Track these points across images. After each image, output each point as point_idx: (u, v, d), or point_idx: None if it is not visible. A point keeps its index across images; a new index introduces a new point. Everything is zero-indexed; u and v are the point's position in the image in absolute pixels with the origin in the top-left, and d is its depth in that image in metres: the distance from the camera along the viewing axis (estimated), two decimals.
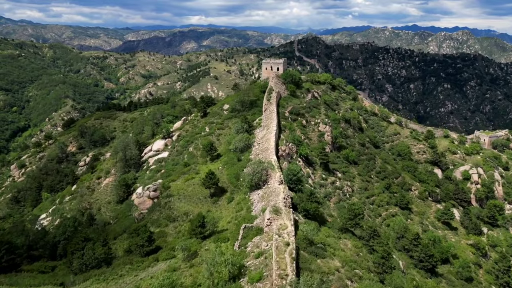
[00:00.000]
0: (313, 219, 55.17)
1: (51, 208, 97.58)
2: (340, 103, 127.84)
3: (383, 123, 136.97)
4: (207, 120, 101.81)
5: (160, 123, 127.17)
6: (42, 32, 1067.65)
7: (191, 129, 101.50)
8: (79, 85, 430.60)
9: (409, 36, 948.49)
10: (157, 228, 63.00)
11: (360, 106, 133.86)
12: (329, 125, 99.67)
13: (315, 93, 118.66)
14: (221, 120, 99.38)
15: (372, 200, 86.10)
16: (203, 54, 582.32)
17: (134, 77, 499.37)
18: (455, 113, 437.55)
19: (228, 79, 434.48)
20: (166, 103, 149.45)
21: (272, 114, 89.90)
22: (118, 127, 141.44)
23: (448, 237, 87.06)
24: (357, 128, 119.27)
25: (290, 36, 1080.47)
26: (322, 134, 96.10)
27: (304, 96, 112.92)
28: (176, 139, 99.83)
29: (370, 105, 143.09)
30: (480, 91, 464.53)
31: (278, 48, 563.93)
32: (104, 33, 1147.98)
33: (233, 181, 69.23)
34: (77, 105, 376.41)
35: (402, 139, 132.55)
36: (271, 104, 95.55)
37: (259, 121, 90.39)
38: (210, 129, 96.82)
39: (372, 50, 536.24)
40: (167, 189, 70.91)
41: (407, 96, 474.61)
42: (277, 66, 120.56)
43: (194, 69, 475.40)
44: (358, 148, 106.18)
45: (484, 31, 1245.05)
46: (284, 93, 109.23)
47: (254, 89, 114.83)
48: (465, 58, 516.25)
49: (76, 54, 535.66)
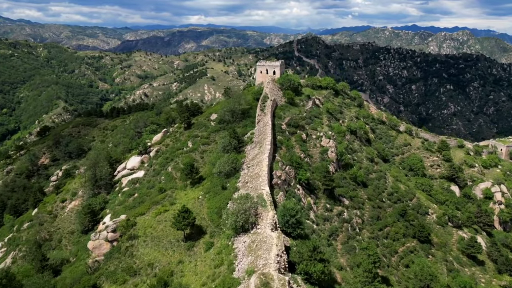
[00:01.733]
0: (317, 284, 39.91)
1: (7, 237, 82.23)
2: (344, 111, 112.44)
3: (391, 132, 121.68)
4: (191, 133, 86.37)
5: (142, 132, 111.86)
6: (40, 31, 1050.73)
7: (172, 143, 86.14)
8: (72, 86, 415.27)
9: (409, 36, 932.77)
10: (112, 284, 47.70)
11: (367, 114, 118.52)
12: (333, 139, 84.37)
13: (317, 100, 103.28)
14: (207, 133, 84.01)
15: (386, 233, 70.80)
16: (201, 54, 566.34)
17: (130, 77, 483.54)
18: (458, 115, 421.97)
19: (225, 80, 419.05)
20: (151, 109, 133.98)
21: (266, 127, 74.59)
22: (97, 136, 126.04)
23: (477, 277, 71.80)
24: (364, 140, 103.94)
25: (290, 36, 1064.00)
26: (325, 150, 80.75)
27: (304, 104, 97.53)
28: (154, 155, 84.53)
29: (377, 112, 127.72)
30: (484, 92, 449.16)
31: (277, 48, 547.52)
32: (102, 32, 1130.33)
33: (214, 218, 53.99)
34: (69, 107, 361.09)
35: (413, 151, 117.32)
36: (265, 115, 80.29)
37: (251, 135, 75.06)
38: (193, 144, 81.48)
39: (373, 50, 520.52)
40: (132, 227, 55.58)
41: (409, 98, 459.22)
42: (273, 69, 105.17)
43: (191, 70, 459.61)
44: (366, 164, 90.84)
45: (483, 31, 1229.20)
46: (281, 101, 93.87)
47: (246, 96, 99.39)
48: (467, 58, 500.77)
49: (71, 54, 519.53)
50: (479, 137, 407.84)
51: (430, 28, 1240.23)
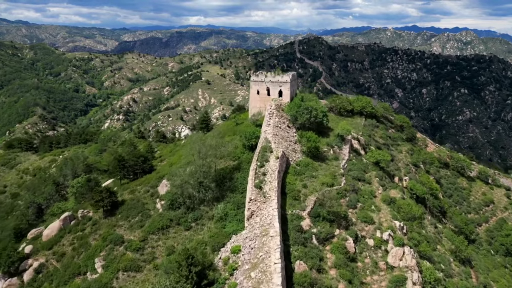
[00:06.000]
0: None
1: None
2: (393, 153, 66.64)
3: (460, 182, 75.99)
4: (110, 232, 40.61)
5: (67, 185, 66.27)
6: (37, 32, 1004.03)
7: (72, 251, 40.43)
8: (55, 91, 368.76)
9: (411, 37, 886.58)
10: None
11: (429, 156, 72.47)
12: (408, 244, 38.86)
13: (355, 142, 57.59)
14: (141, 235, 38.38)
15: None
16: (197, 56, 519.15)
17: (120, 80, 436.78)
18: (475, 122, 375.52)
19: (221, 84, 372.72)
20: (97, 142, 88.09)
21: (268, 230, 29.58)
22: (10, 183, 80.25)
23: None
24: (436, 210, 58.19)
25: (290, 37, 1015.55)
26: (399, 280, 35.17)
27: (337, 153, 51.86)
28: (30, 278, 38.92)
29: (436, 149, 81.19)
30: (500, 97, 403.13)
31: (277, 49, 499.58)
32: (100, 33, 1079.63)
33: None
34: (48, 115, 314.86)
35: (499, 213, 71.77)
36: (266, 199, 35.14)
37: (235, 249, 29.98)
38: (107, 266, 35.86)
39: (379, 51, 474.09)
40: None
41: (419, 102, 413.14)
42: (279, 87, 59.28)
43: (185, 73, 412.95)
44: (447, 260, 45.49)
45: (484, 32, 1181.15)
46: (295, 152, 48.23)
47: (230, 137, 54.01)
48: (480, 60, 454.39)
49: (58, 55, 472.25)
50: (498, 146, 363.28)
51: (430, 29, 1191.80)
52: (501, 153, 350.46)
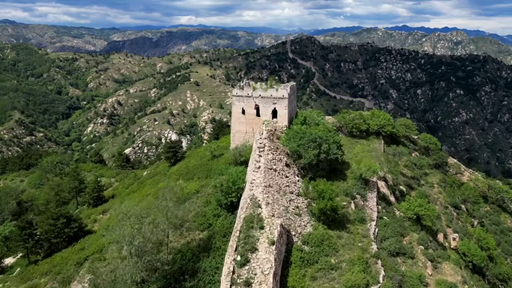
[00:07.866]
0: None
1: None
2: (426, 191, 48.96)
3: (503, 219, 58.74)
4: None
5: None
6: (24, 32, 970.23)
7: None
8: (35, 93, 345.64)
9: (402, 37, 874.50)
10: None
11: (468, 188, 54.92)
12: None
13: (382, 185, 39.69)
14: None
15: None
16: (187, 56, 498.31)
17: (105, 82, 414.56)
18: (471, 123, 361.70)
19: (211, 86, 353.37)
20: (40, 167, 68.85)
21: None
22: None
23: None
24: (496, 282, 40.71)
25: (281, 37, 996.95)
26: None
27: (360, 207, 33.94)
28: None
29: (472, 176, 63.41)
30: (496, 98, 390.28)
31: (269, 49, 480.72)
32: (89, 33, 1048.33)
33: None
34: (26, 119, 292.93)
35: None
36: None
37: None
38: None
39: (373, 51, 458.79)
40: None
41: (414, 103, 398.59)
42: (273, 105, 41.16)
43: (173, 74, 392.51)
44: None
45: (473, 32, 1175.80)
46: (300, 218, 30.05)
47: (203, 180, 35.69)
48: (474, 60, 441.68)
49: (41, 55, 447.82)
50: (496, 148, 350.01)
51: (420, 29, 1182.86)
52: (498, 156, 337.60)
